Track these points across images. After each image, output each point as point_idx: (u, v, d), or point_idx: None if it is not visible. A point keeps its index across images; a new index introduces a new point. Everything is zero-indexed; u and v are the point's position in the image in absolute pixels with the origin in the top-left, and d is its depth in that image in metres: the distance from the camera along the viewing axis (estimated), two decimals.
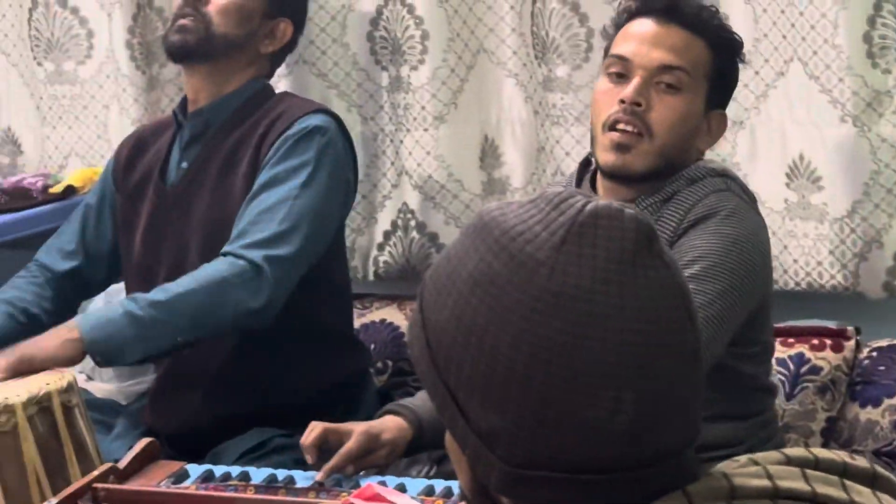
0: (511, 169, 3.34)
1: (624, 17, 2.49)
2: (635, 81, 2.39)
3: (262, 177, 2.77)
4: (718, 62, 2.44)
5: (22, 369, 2.56)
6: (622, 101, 2.38)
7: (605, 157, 2.42)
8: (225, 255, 2.69)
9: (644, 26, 2.43)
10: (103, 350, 2.64)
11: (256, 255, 2.67)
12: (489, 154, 3.37)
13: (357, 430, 2.36)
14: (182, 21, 2.89)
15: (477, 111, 3.35)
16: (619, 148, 2.40)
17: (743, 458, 1.29)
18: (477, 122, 3.36)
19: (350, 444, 2.34)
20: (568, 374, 1.18)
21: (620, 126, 2.39)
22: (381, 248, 3.44)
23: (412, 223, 3.40)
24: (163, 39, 2.99)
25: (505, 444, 1.21)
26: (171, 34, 2.91)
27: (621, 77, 2.41)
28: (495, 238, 1.22)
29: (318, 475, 2.31)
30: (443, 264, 1.27)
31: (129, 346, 2.64)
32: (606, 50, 2.49)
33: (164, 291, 2.66)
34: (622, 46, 2.43)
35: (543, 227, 1.20)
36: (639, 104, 2.38)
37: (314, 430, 2.38)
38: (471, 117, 3.35)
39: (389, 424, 2.42)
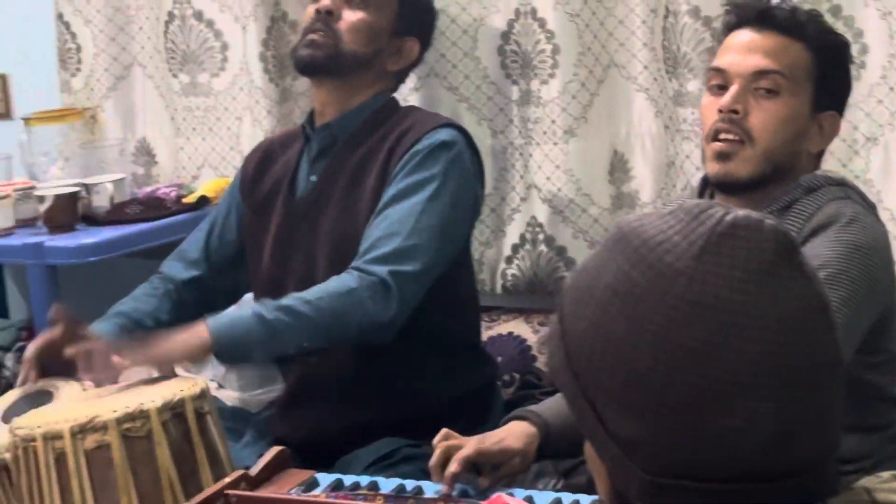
0: (640, 183, 3.33)
1: (724, 32, 2.49)
2: (732, 89, 2.39)
3: (390, 191, 2.79)
4: (821, 63, 2.42)
5: (151, 363, 2.61)
6: (720, 111, 2.39)
7: (711, 168, 2.43)
8: (353, 269, 2.72)
9: (740, 36, 2.44)
10: (230, 349, 2.67)
11: (383, 270, 2.69)
12: (618, 168, 3.37)
13: (474, 438, 2.36)
14: (312, 36, 2.91)
15: (606, 125, 3.35)
16: (721, 157, 2.40)
17: (886, 475, 1.28)
18: (606, 137, 3.36)
19: (465, 451, 2.32)
20: (705, 383, 1.18)
21: (721, 135, 2.39)
22: (509, 261, 3.45)
23: (540, 237, 3.40)
24: (291, 52, 3.02)
25: (644, 453, 1.21)
26: (301, 48, 2.93)
27: (722, 88, 2.42)
28: (634, 248, 1.23)
29: (443, 487, 2.32)
30: (581, 275, 1.28)
31: (255, 347, 2.68)
32: None
33: (293, 298, 2.69)
34: (720, 59, 2.44)
35: (682, 238, 1.21)
36: (736, 111, 2.38)
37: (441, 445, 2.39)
38: (600, 131, 3.35)
39: (517, 431, 2.41)
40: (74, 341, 2.71)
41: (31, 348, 2.76)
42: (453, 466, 2.34)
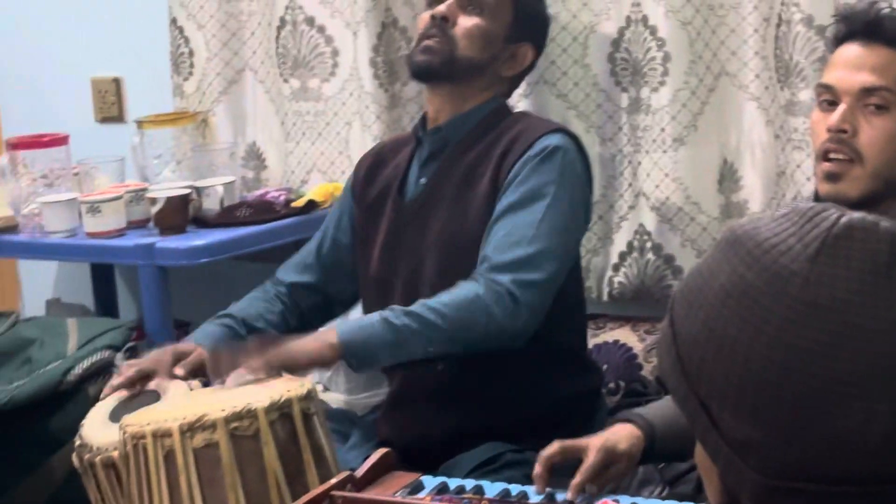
0: (749, 193, 3.31)
1: (832, 44, 2.46)
2: (840, 108, 2.37)
3: (507, 198, 2.80)
4: None
5: (282, 366, 2.63)
6: (829, 130, 2.37)
7: (821, 188, 2.42)
8: (477, 278, 2.73)
9: (848, 51, 2.41)
10: (358, 354, 2.71)
11: (506, 279, 2.71)
12: (728, 177, 3.35)
13: (594, 444, 2.36)
14: (428, 42, 2.93)
15: (717, 134, 3.33)
16: (831, 177, 2.39)
17: None
18: (716, 145, 3.34)
19: (591, 459, 2.33)
20: (820, 384, 1.18)
21: (830, 155, 2.37)
22: (616, 268, 3.44)
23: (648, 245, 3.39)
24: (407, 58, 3.04)
25: (758, 455, 1.21)
26: (417, 54, 2.95)
27: (832, 105, 2.40)
28: (748, 250, 1.23)
29: (568, 493, 2.31)
30: (694, 278, 1.28)
31: (382, 351, 2.71)
32: None
33: (419, 304, 2.71)
34: (828, 75, 2.43)
35: (797, 240, 1.21)
36: (844, 130, 2.36)
37: (550, 448, 2.39)
38: (710, 140, 3.33)
39: (623, 433, 2.40)
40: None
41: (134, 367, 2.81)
42: (581, 477, 2.32)
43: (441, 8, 2.92)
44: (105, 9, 4.20)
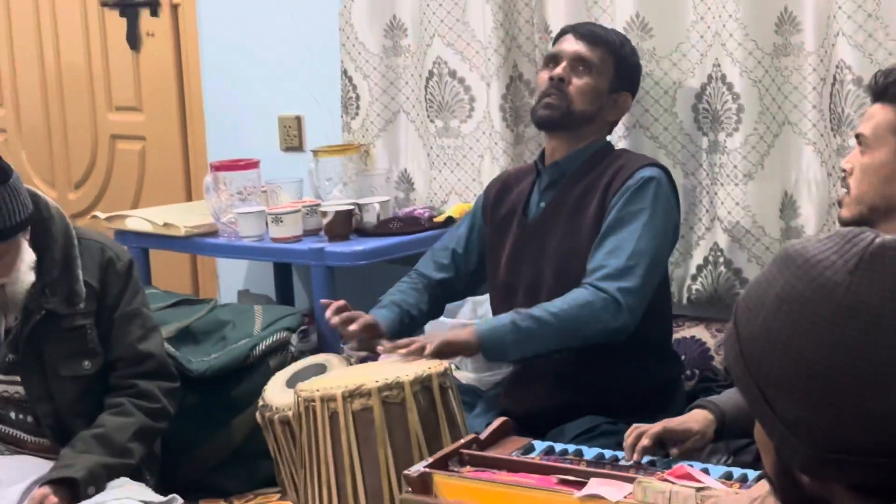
0: (805, 220, 3.26)
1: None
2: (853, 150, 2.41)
3: (610, 219, 2.79)
4: None
5: (444, 352, 2.68)
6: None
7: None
8: (586, 286, 2.73)
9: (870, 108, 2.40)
10: (492, 348, 2.74)
11: (612, 286, 2.71)
12: (787, 207, 3.30)
13: (661, 423, 2.37)
14: (548, 99, 2.92)
15: (779, 171, 3.28)
16: (839, 204, 2.46)
17: None
18: (779, 181, 3.29)
19: (654, 428, 2.37)
20: (860, 374, 1.18)
21: (841, 187, 2.45)
22: (694, 278, 3.40)
23: (721, 260, 3.35)
24: (531, 111, 3.02)
25: (808, 432, 1.22)
26: (539, 108, 2.94)
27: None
28: (798, 265, 1.24)
29: (634, 455, 2.32)
30: (753, 288, 1.29)
31: (510, 348, 2.74)
32: None
33: (541, 309, 2.73)
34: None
35: (839, 256, 1.22)
36: (843, 169, 2.40)
37: (634, 432, 2.39)
38: (774, 176, 3.28)
39: (698, 416, 2.41)
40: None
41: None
42: (645, 441, 2.34)
43: (558, 70, 2.92)
44: (291, 61, 4.24)
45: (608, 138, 3.04)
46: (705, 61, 3.32)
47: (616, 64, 2.95)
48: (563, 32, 3.03)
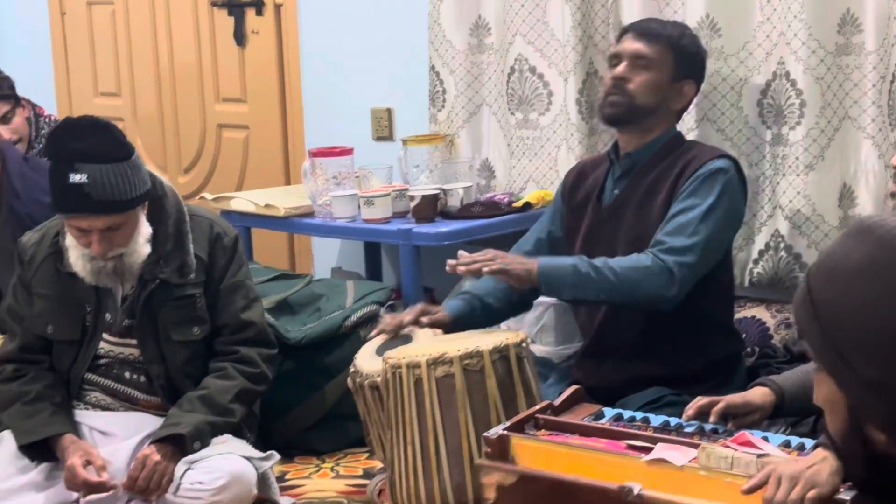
0: (862, 209, 3.21)
1: None
2: None
3: (679, 204, 2.77)
4: None
5: (501, 276, 2.74)
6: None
7: None
8: (648, 253, 2.72)
9: None
10: (547, 283, 2.75)
11: (670, 259, 2.69)
12: (846, 197, 3.25)
13: (737, 396, 2.34)
14: (612, 98, 2.89)
15: (839, 163, 3.24)
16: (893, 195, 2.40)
17: None
18: (838, 172, 3.25)
19: (723, 402, 2.33)
20: None
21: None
22: (755, 262, 3.37)
23: (781, 245, 3.31)
24: (598, 109, 2.99)
25: (889, 390, 1.19)
26: (605, 107, 2.91)
27: None
28: (879, 236, 1.23)
29: (712, 418, 2.30)
30: (828, 259, 1.28)
31: (565, 287, 2.75)
32: None
33: (601, 260, 2.72)
34: None
35: None
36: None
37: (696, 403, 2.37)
38: (834, 167, 3.24)
39: (759, 393, 2.38)
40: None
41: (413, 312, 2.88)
42: (712, 418, 2.31)
43: (618, 71, 2.88)
44: (383, 58, 4.25)
45: (678, 128, 3.00)
46: (770, 59, 3.28)
47: (675, 55, 2.89)
48: (623, 32, 2.98)
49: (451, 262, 2.78)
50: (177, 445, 2.91)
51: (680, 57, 2.89)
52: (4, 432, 3.01)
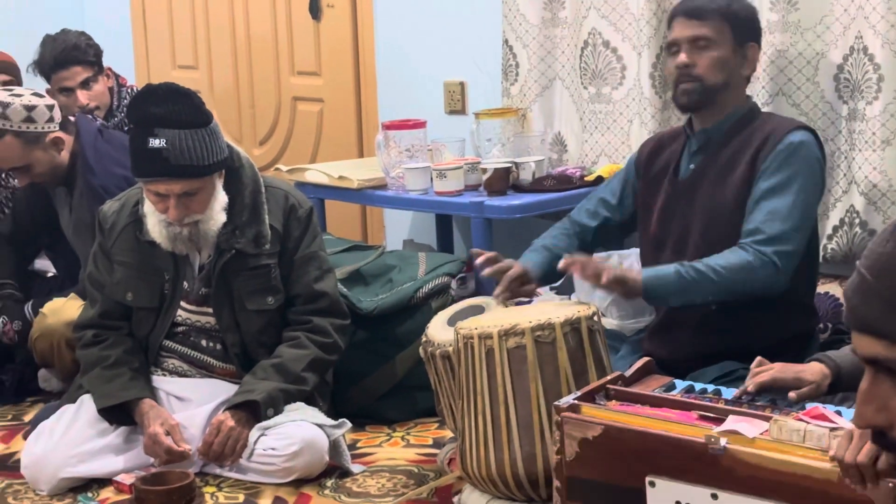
0: None
1: None
2: None
3: (765, 183, 2.73)
4: None
5: (613, 287, 2.73)
6: None
7: None
8: (746, 247, 2.69)
9: None
10: (654, 294, 2.75)
11: (770, 250, 2.68)
12: None
13: (778, 364, 2.33)
14: (683, 86, 2.84)
15: None
16: None
17: None
18: None
19: (772, 372, 2.32)
20: None
21: None
22: (829, 238, 3.31)
23: (856, 221, 3.25)
24: (673, 99, 2.93)
25: None
26: (679, 96, 2.86)
27: None
28: None
29: (749, 386, 2.31)
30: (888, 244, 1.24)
31: (671, 295, 2.74)
32: None
33: (704, 264, 2.71)
34: None
35: None
36: None
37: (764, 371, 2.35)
38: None
39: (814, 369, 2.35)
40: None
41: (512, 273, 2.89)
42: (750, 388, 2.30)
43: (681, 58, 2.83)
44: (456, 31, 4.25)
45: (751, 97, 2.95)
46: (848, 33, 3.22)
47: (730, 24, 2.82)
48: (672, 16, 2.91)
49: (565, 263, 2.76)
50: (251, 412, 2.94)
51: (735, 24, 2.83)
52: (84, 396, 3.06)
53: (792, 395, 2.30)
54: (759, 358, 2.37)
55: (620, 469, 2.16)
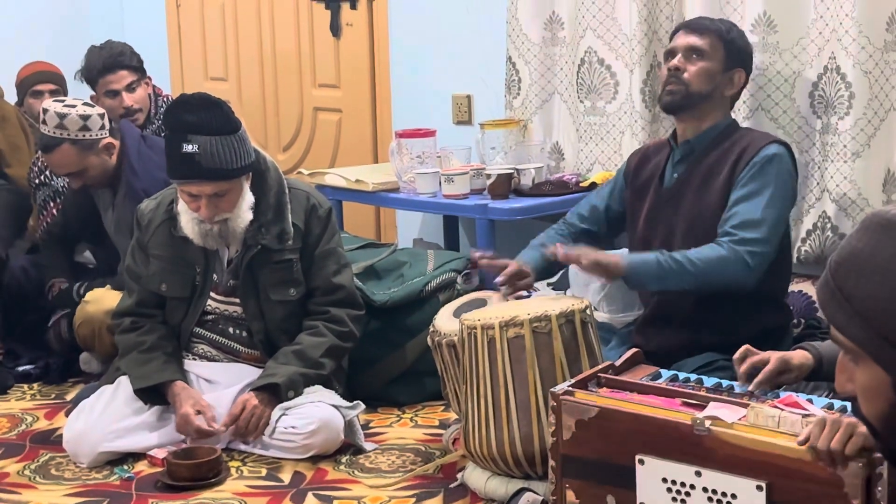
0: None
1: None
2: None
3: (740, 191, 2.74)
4: None
5: (593, 270, 2.74)
6: None
7: None
8: (722, 244, 2.69)
9: None
10: (634, 277, 2.74)
11: (743, 249, 2.69)
12: (889, 182, 3.18)
13: (774, 355, 2.30)
14: (669, 86, 2.87)
15: (884, 151, 3.17)
16: None
17: None
18: (883, 160, 3.18)
19: (770, 366, 2.28)
20: None
21: None
22: (803, 241, 3.31)
23: (828, 226, 3.25)
24: (658, 100, 2.97)
25: None
26: (664, 96, 2.89)
27: None
28: None
29: (750, 386, 2.26)
30: (852, 256, 1.24)
31: (650, 281, 2.73)
32: None
33: (682, 254, 2.71)
34: None
35: None
36: None
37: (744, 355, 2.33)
38: (879, 155, 3.17)
39: (797, 354, 2.34)
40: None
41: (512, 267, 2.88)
42: (765, 385, 2.27)
43: (674, 62, 2.86)
44: (464, 49, 4.24)
45: (733, 116, 2.97)
46: (822, 54, 3.22)
47: (725, 46, 2.86)
48: (676, 30, 2.96)
49: (552, 250, 2.76)
50: (273, 393, 2.95)
51: (729, 47, 2.86)
52: (121, 377, 3.07)
53: (758, 379, 2.27)
54: (745, 346, 2.36)
55: (612, 448, 2.17)
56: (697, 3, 3.41)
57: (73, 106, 3.44)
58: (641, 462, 2.12)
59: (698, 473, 2.06)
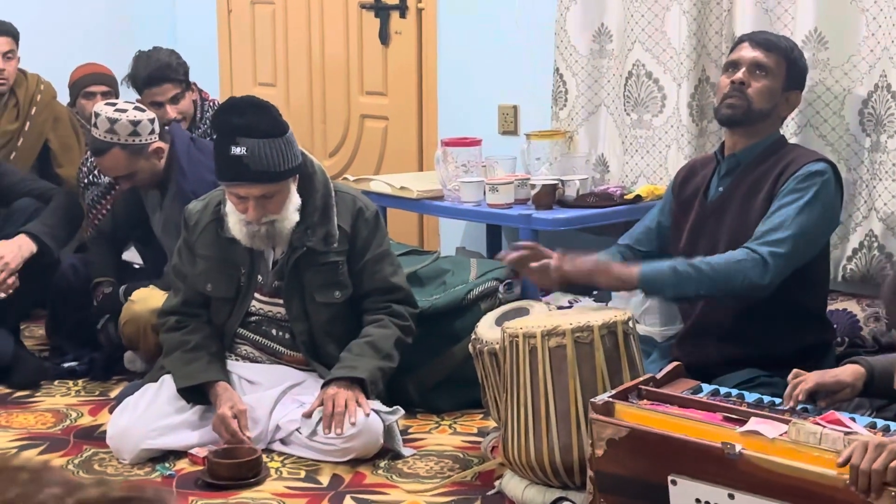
0: None
1: None
2: None
3: (777, 202, 2.73)
4: None
5: (603, 276, 2.73)
6: None
7: None
8: (744, 247, 2.68)
9: None
10: (650, 285, 2.72)
11: (764, 250, 2.65)
12: None
13: (830, 373, 2.30)
14: (730, 100, 2.84)
15: None
16: None
17: None
18: None
19: (824, 380, 2.28)
20: None
21: None
22: (849, 259, 3.29)
23: (874, 245, 3.23)
24: (715, 111, 2.94)
25: None
26: (723, 108, 2.86)
27: None
28: None
29: (790, 403, 2.25)
30: None
31: (666, 287, 2.72)
32: None
33: (698, 259, 2.69)
34: None
35: None
36: None
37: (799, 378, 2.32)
38: None
39: (850, 370, 2.33)
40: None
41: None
42: (801, 396, 2.27)
43: (739, 75, 2.84)
44: (511, 59, 4.25)
45: (781, 132, 2.95)
46: (873, 72, 3.20)
47: (788, 66, 2.85)
48: (740, 41, 2.94)
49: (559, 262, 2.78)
50: (357, 386, 2.95)
51: (792, 68, 2.86)
52: (165, 376, 3.10)
53: (821, 403, 2.28)
54: (795, 370, 2.34)
55: (644, 467, 2.16)
56: (748, 18, 3.40)
57: (124, 111, 3.49)
58: (674, 483, 2.11)
59: (731, 496, 2.05)
